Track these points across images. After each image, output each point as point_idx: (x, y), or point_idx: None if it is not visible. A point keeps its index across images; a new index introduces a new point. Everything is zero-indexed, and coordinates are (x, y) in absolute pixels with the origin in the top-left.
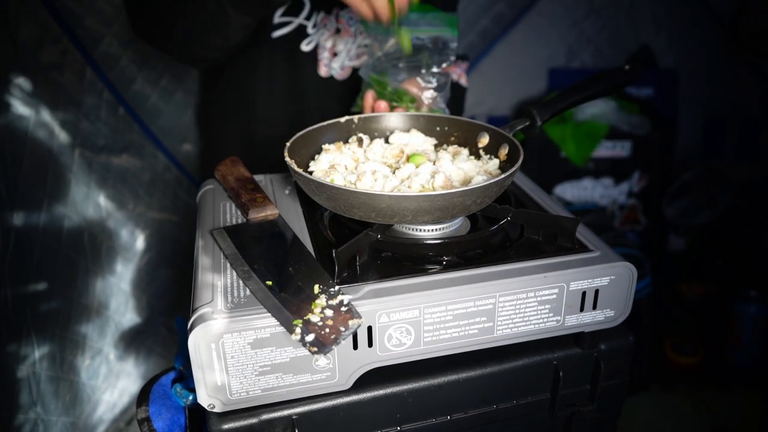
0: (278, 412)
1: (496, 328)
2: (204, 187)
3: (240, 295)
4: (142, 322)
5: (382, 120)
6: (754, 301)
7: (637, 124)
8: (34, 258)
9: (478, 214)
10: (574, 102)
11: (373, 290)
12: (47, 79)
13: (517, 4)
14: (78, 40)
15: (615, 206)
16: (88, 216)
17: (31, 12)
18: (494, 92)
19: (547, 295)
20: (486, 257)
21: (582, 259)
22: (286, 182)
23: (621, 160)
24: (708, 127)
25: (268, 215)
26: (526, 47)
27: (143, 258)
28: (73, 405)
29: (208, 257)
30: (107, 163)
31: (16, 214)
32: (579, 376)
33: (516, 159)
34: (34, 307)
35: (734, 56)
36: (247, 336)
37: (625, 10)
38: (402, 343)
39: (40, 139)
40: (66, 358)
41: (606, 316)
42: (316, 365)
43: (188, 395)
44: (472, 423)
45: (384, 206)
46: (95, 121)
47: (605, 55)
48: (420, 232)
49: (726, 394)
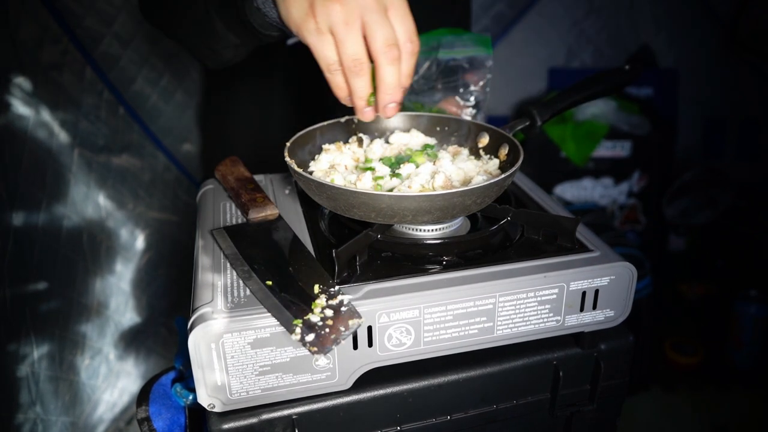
0: (278, 412)
1: (496, 328)
2: (204, 187)
3: (240, 295)
4: (142, 322)
5: (382, 120)
6: (754, 301)
7: (637, 124)
8: (33, 258)
9: (478, 214)
10: (574, 102)
11: (373, 290)
12: (47, 79)
13: (517, 4)
14: (78, 40)
15: (615, 206)
16: (88, 216)
17: (31, 12)
18: (494, 92)
19: (547, 295)
20: (486, 257)
21: (582, 259)
22: (286, 182)
23: (621, 160)
24: (708, 127)
25: (268, 215)
26: (526, 47)
27: (143, 258)
28: (73, 405)
29: (208, 257)
30: (107, 163)
31: (15, 214)
32: (579, 376)
33: (516, 159)
34: (34, 307)
35: (734, 56)
36: (247, 336)
37: (625, 10)
38: (402, 343)
39: (40, 139)
40: (66, 357)
41: (606, 316)
42: (316, 365)
43: (188, 395)
44: (472, 423)
45: (384, 206)
46: (95, 121)
47: (605, 55)
48: (420, 232)
49: (726, 394)
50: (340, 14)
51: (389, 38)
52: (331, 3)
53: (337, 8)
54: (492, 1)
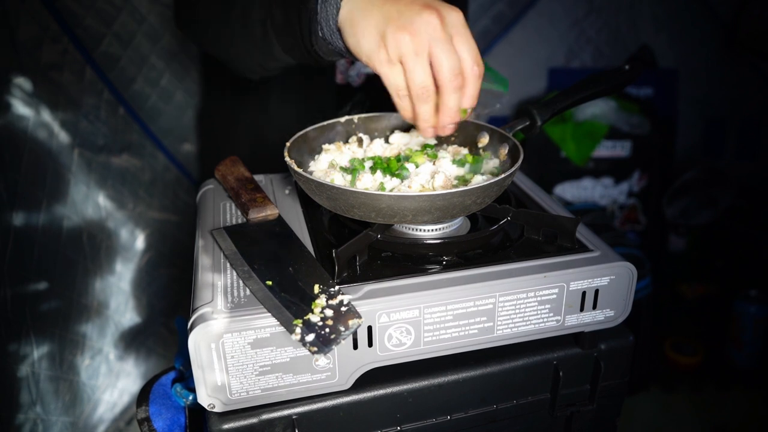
0: (278, 412)
1: (496, 328)
2: (204, 187)
3: (240, 295)
4: (142, 322)
5: (382, 120)
6: (754, 301)
7: (637, 124)
8: (33, 258)
9: (478, 214)
10: (574, 102)
11: (373, 290)
12: (47, 79)
13: (517, 4)
14: (78, 40)
15: (615, 206)
16: (88, 216)
17: (31, 12)
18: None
19: (547, 295)
20: (486, 257)
21: (582, 259)
22: (286, 182)
23: (621, 160)
24: (708, 127)
25: (268, 215)
26: (526, 47)
27: (143, 258)
28: (73, 405)
29: (208, 257)
30: (107, 163)
31: (15, 214)
32: (579, 376)
33: (516, 159)
34: (34, 307)
35: (734, 56)
36: (247, 336)
37: (625, 10)
38: (402, 343)
39: (40, 139)
40: (66, 357)
41: (606, 316)
42: (316, 365)
43: (188, 395)
44: (472, 423)
45: (384, 206)
46: (95, 121)
47: (605, 55)
48: (420, 232)
49: (726, 394)
50: (410, 45)
51: (455, 68)
52: (402, 34)
53: (407, 39)
54: (492, 1)
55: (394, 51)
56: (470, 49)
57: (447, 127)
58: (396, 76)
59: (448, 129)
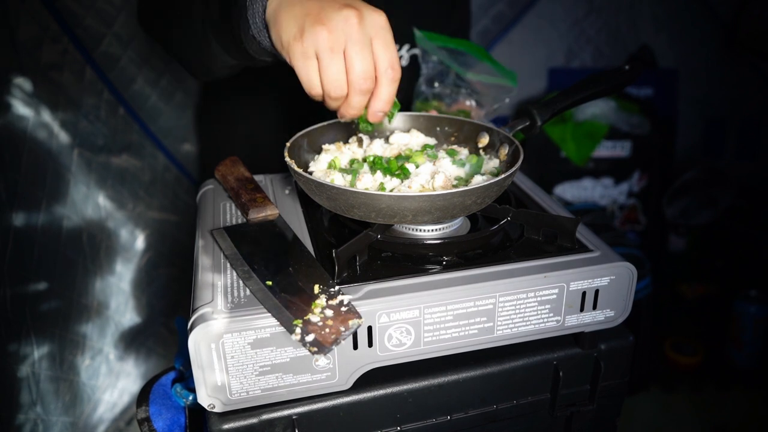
0: (278, 412)
1: (496, 328)
2: (204, 187)
3: (240, 295)
4: (142, 322)
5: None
6: (754, 301)
7: (637, 124)
8: (33, 258)
9: (478, 214)
10: (574, 102)
11: (373, 290)
12: (47, 79)
13: (517, 4)
14: (78, 40)
15: (615, 206)
16: (88, 216)
17: (31, 12)
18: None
19: (547, 295)
20: (486, 257)
21: (582, 259)
22: (286, 182)
23: (621, 160)
24: (708, 127)
25: (268, 215)
26: (525, 47)
27: (143, 258)
28: (73, 405)
29: (208, 257)
30: (106, 163)
31: (15, 214)
32: (579, 376)
33: (516, 159)
34: (34, 307)
35: (734, 56)
36: (247, 336)
37: (625, 10)
38: (402, 343)
39: (40, 139)
40: (66, 357)
41: (606, 316)
42: (316, 365)
43: (188, 395)
44: (472, 423)
45: (384, 206)
46: (95, 121)
47: (605, 55)
48: (420, 232)
49: (726, 394)
50: (326, 40)
51: (367, 70)
52: (319, 28)
53: (324, 34)
54: (492, 1)
55: (310, 44)
56: (387, 52)
57: (345, 118)
58: (310, 70)
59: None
